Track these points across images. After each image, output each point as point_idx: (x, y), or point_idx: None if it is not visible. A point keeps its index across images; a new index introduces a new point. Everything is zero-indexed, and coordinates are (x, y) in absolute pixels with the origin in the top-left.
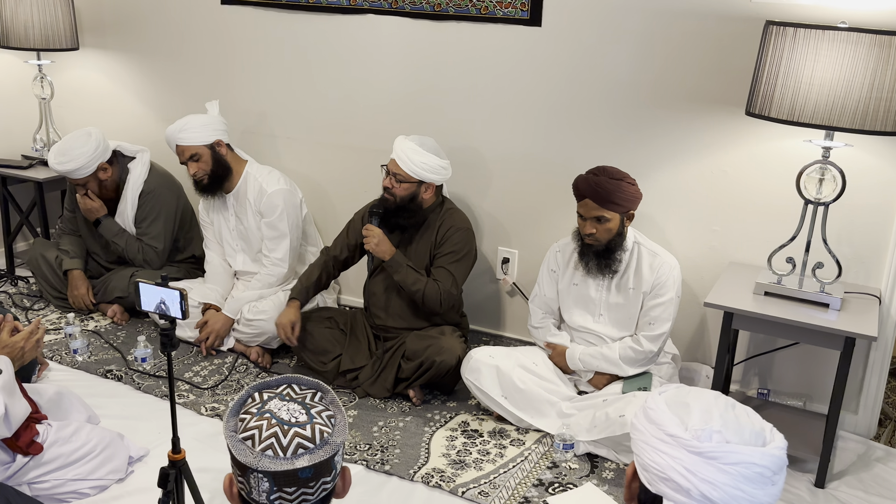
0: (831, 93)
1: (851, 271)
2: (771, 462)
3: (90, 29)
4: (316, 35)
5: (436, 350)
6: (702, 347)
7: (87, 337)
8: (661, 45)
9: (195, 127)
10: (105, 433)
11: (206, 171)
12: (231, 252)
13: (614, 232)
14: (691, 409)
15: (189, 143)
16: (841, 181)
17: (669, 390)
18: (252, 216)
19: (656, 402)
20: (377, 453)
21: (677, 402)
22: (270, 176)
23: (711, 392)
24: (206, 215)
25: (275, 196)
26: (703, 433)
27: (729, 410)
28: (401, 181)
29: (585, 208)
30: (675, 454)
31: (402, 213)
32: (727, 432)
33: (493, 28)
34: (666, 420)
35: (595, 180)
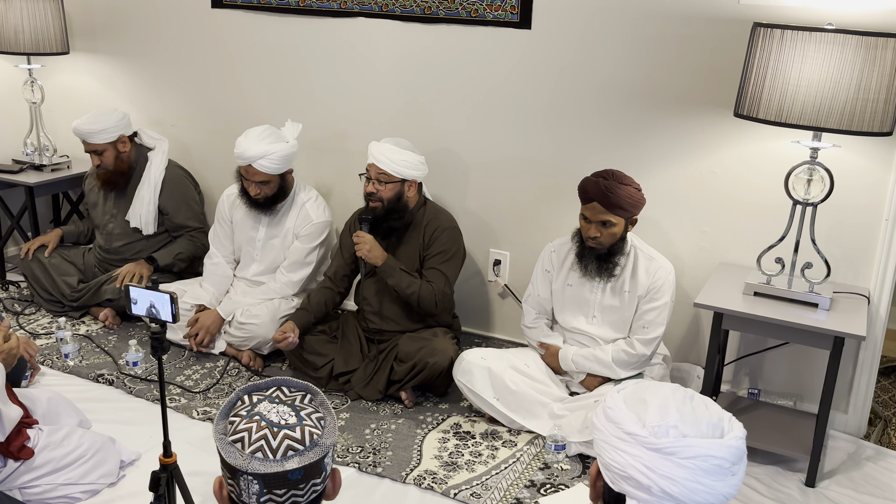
0: (818, 94)
1: (840, 271)
2: (729, 453)
3: (80, 33)
4: (306, 38)
5: (428, 352)
6: (693, 348)
7: (79, 341)
8: (649, 48)
9: (278, 158)
10: (96, 437)
11: (268, 195)
12: (247, 260)
13: (618, 236)
14: (648, 405)
15: (266, 171)
16: (829, 181)
17: (629, 387)
18: (286, 235)
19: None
20: (369, 456)
21: (635, 398)
22: (317, 203)
23: (670, 385)
24: (226, 211)
25: (319, 227)
26: (659, 429)
27: (686, 403)
28: (385, 182)
29: (592, 211)
30: (633, 452)
31: (392, 216)
32: (684, 426)
33: (483, 31)
34: (623, 418)
35: (605, 184)
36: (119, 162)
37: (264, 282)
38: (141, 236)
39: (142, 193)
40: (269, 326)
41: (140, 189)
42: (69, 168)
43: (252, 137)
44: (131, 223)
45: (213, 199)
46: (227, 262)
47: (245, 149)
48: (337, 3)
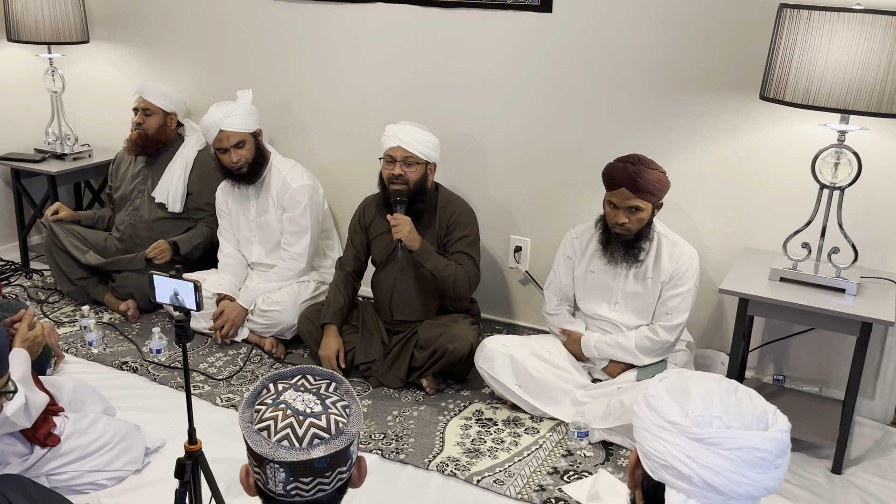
0: (846, 76)
1: (867, 256)
2: (773, 446)
3: (100, 22)
4: (326, 25)
5: (448, 338)
6: (717, 334)
7: (102, 329)
8: (673, 30)
9: (241, 114)
10: (121, 425)
11: (249, 159)
12: (247, 243)
13: (645, 222)
14: (691, 395)
15: (236, 130)
16: (857, 165)
17: (671, 376)
18: (274, 209)
19: (657, 389)
20: (392, 442)
21: (678, 388)
22: (294, 170)
23: (713, 376)
24: (224, 204)
25: (299, 192)
26: (702, 419)
27: (730, 394)
28: (411, 164)
29: (620, 198)
30: (675, 441)
31: (418, 198)
32: (727, 417)
33: (504, 15)
34: (666, 407)
35: (633, 169)
36: (159, 132)
37: (272, 263)
38: (166, 215)
39: (173, 169)
40: (292, 312)
41: (172, 165)
42: (90, 157)
43: (210, 110)
44: (157, 198)
45: None
46: (237, 250)
47: (207, 118)
48: None
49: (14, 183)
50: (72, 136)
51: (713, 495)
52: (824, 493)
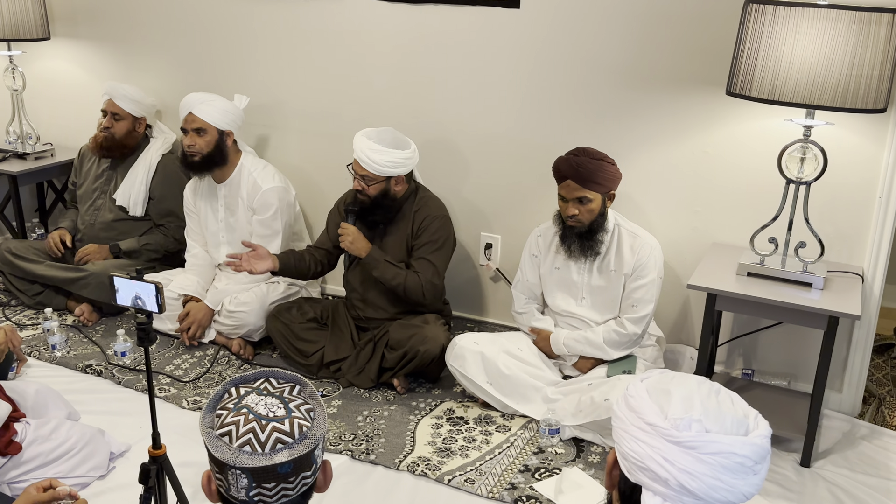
0: (812, 71)
1: (834, 250)
2: (752, 451)
3: (61, 18)
4: (294, 20)
5: (419, 339)
6: (686, 329)
7: (66, 332)
8: (640, 26)
9: (218, 107)
10: (85, 430)
11: (203, 151)
12: (215, 243)
13: (596, 213)
14: (672, 397)
15: (202, 117)
16: (822, 160)
17: (652, 376)
18: (243, 211)
19: (637, 389)
20: (362, 443)
21: (658, 389)
22: (265, 171)
23: (695, 378)
24: (191, 203)
25: (269, 194)
26: (681, 422)
27: (712, 397)
28: (369, 182)
29: (567, 189)
30: (653, 443)
31: (378, 210)
32: (707, 421)
33: (472, 11)
34: (645, 408)
35: (576, 160)
36: (127, 137)
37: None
38: (126, 216)
39: (136, 172)
40: (259, 313)
41: (135, 168)
42: (53, 156)
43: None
44: (118, 201)
45: None
46: (205, 250)
47: (188, 97)
48: None
49: None
50: (33, 134)
51: (690, 499)
52: (793, 487)
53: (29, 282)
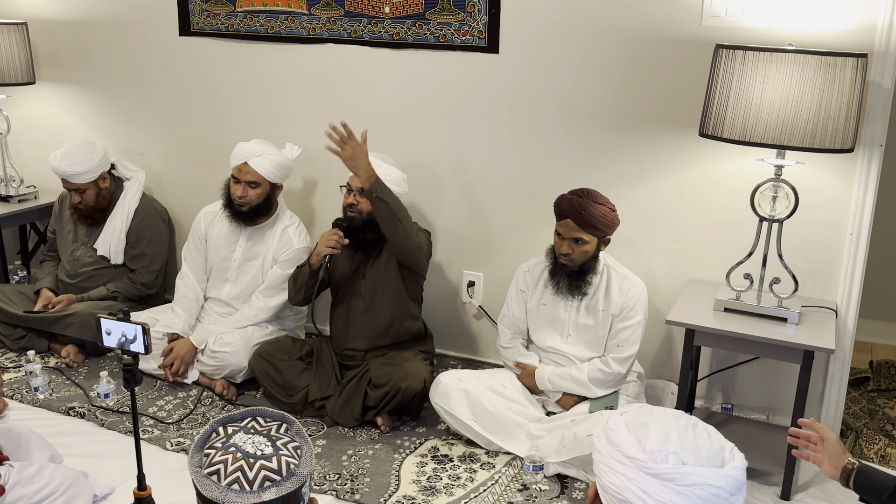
0: (781, 113)
1: (808, 285)
2: (727, 483)
3: (46, 63)
4: (276, 65)
5: (401, 376)
6: (667, 365)
7: (49, 374)
8: (615, 70)
9: (274, 161)
10: (68, 472)
11: (254, 203)
12: (218, 280)
13: (589, 255)
14: (650, 430)
15: (259, 170)
16: (794, 198)
17: (631, 410)
18: (265, 258)
19: (616, 423)
20: (347, 483)
21: (637, 422)
22: (299, 229)
23: (673, 412)
24: (203, 228)
25: (300, 252)
26: (659, 455)
27: (688, 430)
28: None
29: (565, 228)
30: (632, 476)
31: (369, 228)
32: (684, 453)
33: (452, 55)
34: (624, 441)
35: (580, 202)
36: (100, 199)
37: (237, 307)
38: (106, 265)
39: (114, 222)
40: (243, 354)
41: (112, 217)
42: (36, 199)
43: (253, 141)
44: (99, 251)
45: (182, 225)
46: (199, 282)
47: (243, 146)
48: (306, 31)
49: None
50: (17, 177)
51: None
52: None
53: (11, 326)
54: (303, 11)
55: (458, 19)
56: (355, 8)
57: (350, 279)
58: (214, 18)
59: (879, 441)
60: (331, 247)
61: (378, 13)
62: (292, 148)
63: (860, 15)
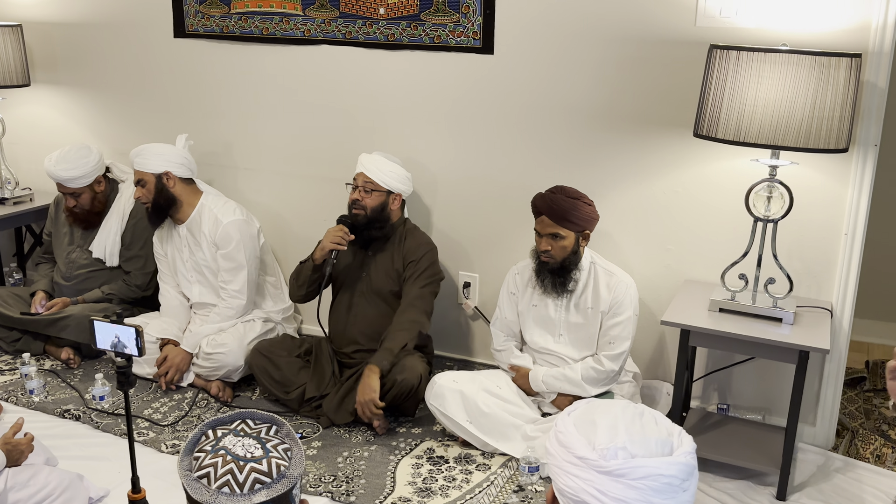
0: (775, 113)
1: (803, 285)
2: (678, 470)
3: (41, 65)
4: (271, 66)
5: (398, 369)
6: (662, 365)
7: (44, 376)
8: (611, 71)
9: (148, 154)
10: (64, 475)
11: (148, 198)
12: (186, 284)
13: (569, 250)
14: (597, 427)
15: (138, 168)
16: (788, 198)
17: (578, 408)
18: (207, 248)
19: (565, 424)
20: (342, 484)
21: (584, 420)
22: (226, 207)
23: (619, 403)
24: (159, 247)
25: (229, 227)
26: (608, 451)
27: (635, 421)
28: (371, 190)
29: (542, 225)
30: (585, 476)
31: (373, 225)
32: (632, 446)
33: (447, 56)
34: (574, 442)
35: (552, 198)
36: (95, 203)
37: (213, 303)
38: (102, 267)
39: (109, 224)
40: (238, 353)
41: (108, 220)
42: (32, 201)
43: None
44: (94, 253)
45: None
46: (178, 293)
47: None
48: (300, 32)
49: None
50: (12, 180)
51: None
52: None
53: (7, 328)
54: (297, 13)
55: (453, 20)
56: (350, 9)
57: (352, 276)
58: (209, 20)
59: (875, 441)
60: (336, 242)
61: (373, 14)
62: (181, 138)
63: (854, 15)
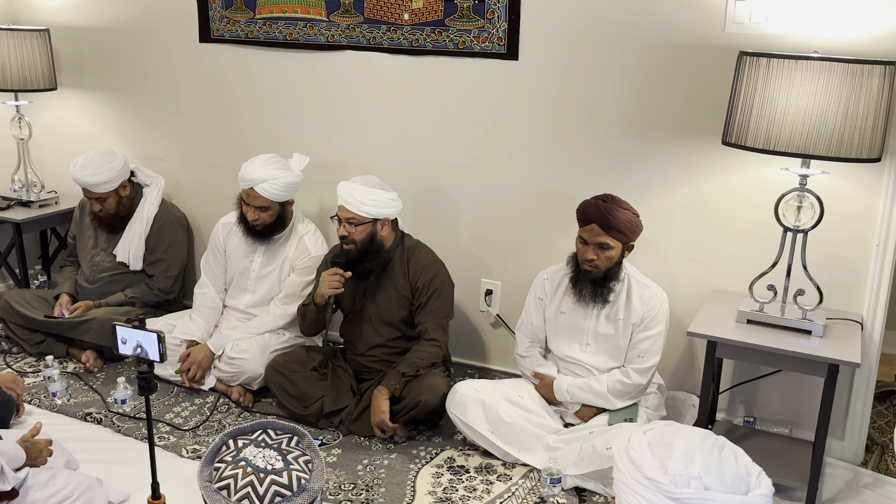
0: (806, 121)
1: (833, 297)
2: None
3: (68, 69)
4: (295, 72)
5: (419, 389)
6: (688, 376)
7: (66, 379)
8: (637, 77)
9: (280, 185)
10: (83, 478)
11: (267, 223)
12: (237, 290)
13: (614, 261)
14: (673, 451)
15: (267, 196)
16: (819, 208)
17: (655, 429)
18: (283, 266)
19: (639, 442)
20: (362, 493)
21: (661, 442)
22: (315, 237)
23: (700, 431)
24: (221, 239)
25: (317, 260)
26: (681, 478)
27: (714, 453)
28: (356, 224)
29: (590, 234)
30: (651, 498)
31: (367, 257)
32: (707, 478)
33: (471, 62)
34: (646, 461)
35: (605, 206)
36: (120, 207)
37: (256, 314)
38: (125, 270)
39: (133, 228)
40: (259, 361)
41: (132, 224)
42: (57, 204)
43: (258, 162)
44: (118, 257)
45: (201, 231)
46: (217, 292)
47: (248, 171)
48: (325, 38)
49: None
50: (38, 183)
51: None
52: None
53: (31, 330)
54: (322, 18)
55: (478, 26)
56: (374, 15)
57: (357, 304)
58: (234, 25)
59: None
60: (333, 287)
61: (397, 20)
62: (300, 158)
63: (888, 22)
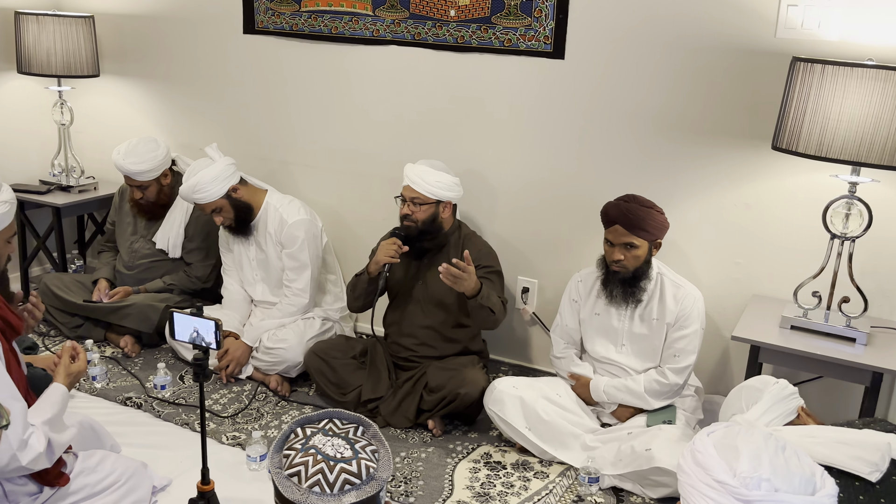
0: (859, 129)
1: (876, 305)
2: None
3: (111, 56)
4: (338, 65)
5: (458, 382)
6: (724, 380)
7: (106, 363)
8: (683, 79)
9: (206, 184)
10: (129, 462)
11: (231, 218)
12: (251, 281)
13: (642, 260)
14: (740, 454)
15: (206, 202)
16: (868, 216)
17: (718, 431)
18: (272, 247)
19: (704, 445)
20: (401, 485)
21: (726, 444)
22: (291, 206)
23: (760, 433)
24: (225, 242)
25: (295, 227)
26: (751, 481)
27: (779, 455)
28: (419, 204)
29: (615, 234)
30: (722, 500)
31: (426, 236)
32: (776, 479)
33: (516, 60)
34: (714, 464)
35: (626, 206)
36: (161, 195)
37: (276, 300)
38: (164, 257)
39: (173, 216)
40: (297, 349)
41: (172, 212)
42: (96, 189)
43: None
44: (158, 244)
45: None
46: (241, 286)
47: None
48: (369, 32)
49: (18, 214)
50: (78, 168)
51: None
52: None
53: (69, 314)
54: (367, 13)
55: (525, 24)
56: (420, 10)
57: (408, 285)
58: (279, 17)
59: None
60: (390, 256)
61: (443, 16)
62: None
63: None
